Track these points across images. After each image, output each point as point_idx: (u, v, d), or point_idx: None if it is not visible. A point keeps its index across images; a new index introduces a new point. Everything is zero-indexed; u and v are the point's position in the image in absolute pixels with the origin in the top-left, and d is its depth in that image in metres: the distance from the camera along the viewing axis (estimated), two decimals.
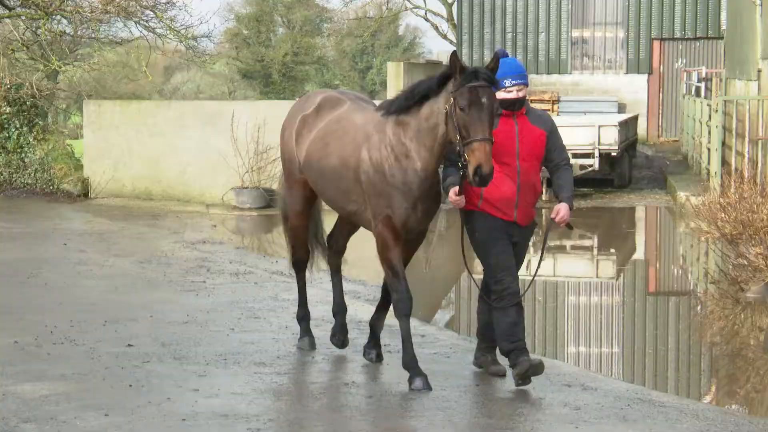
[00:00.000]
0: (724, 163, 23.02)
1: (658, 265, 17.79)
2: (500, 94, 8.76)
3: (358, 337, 11.01)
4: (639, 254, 18.78)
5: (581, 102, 33.52)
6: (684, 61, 34.87)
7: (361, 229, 10.23)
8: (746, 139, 21.85)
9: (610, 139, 25.15)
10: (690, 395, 10.06)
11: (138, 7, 28.62)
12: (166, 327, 11.29)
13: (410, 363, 9.07)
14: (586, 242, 19.93)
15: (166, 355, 10.12)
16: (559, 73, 34.90)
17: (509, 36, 35.12)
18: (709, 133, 24.09)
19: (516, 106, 8.93)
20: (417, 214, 8.97)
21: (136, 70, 37.73)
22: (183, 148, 23.71)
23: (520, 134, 8.90)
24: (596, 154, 24.84)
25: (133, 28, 30.82)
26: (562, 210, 8.89)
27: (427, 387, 8.94)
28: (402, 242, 9.08)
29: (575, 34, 35.14)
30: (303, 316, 10.53)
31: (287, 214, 10.52)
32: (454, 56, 8.56)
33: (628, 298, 14.94)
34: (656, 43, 35.01)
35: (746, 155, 21.68)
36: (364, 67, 58.76)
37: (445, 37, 50.47)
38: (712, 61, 34.30)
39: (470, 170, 8.28)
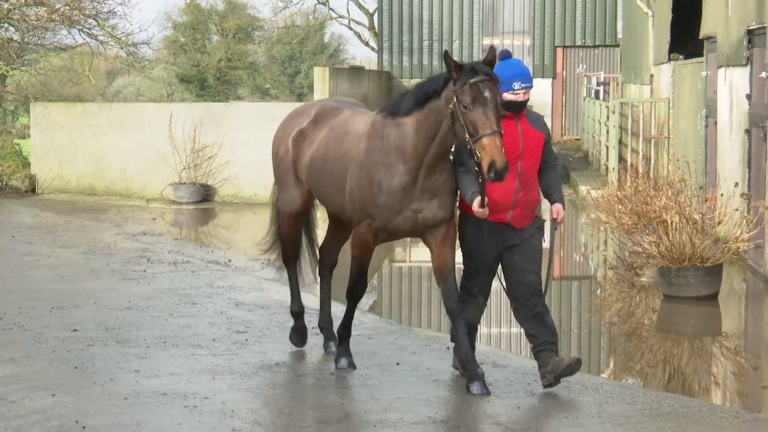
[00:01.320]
0: (621, 159, 23.29)
1: (562, 253, 17.92)
2: (507, 96, 8.17)
3: (289, 320, 10.99)
4: (545, 243, 18.92)
5: None
6: (584, 66, 35.17)
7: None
8: (640, 138, 22.12)
9: None
10: (590, 371, 10.14)
11: (81, 16, 28.33)
12: (109, 313, 11.20)
13: (342, 335, 8.99)
14: None
15: (109, 338, 10.04)
16: None
17: (426, 43, 35.19)
18: (607, 132, 24.34)
19: (519, 108, 8.28)
20: (402, 216, 8.32)
21: (80, 75, 37.30)
22: (124, 147, 23.50)
23: (523, 136, 8.27)
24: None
25: (76, 35, 30.51)
26: (561, 210, 8.56)
27: (352, 366, 8.93)
28: (376, 244, 8.60)
29: (486, 41, 35.26)
30: (298, 310, 9.76)
31: (279, 221, 9.80)
32: (447, 56, 7.92)
33: None
34: (559, 51, 35.28)
35: (640, 152, 21.94)
36: (293, 72, 58.58)
37: (367, 44, 50.41)
38: (610, 66, 34.63)
39: (484, 167, 7.66)
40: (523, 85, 8.26)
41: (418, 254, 17.49)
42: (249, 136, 22.70)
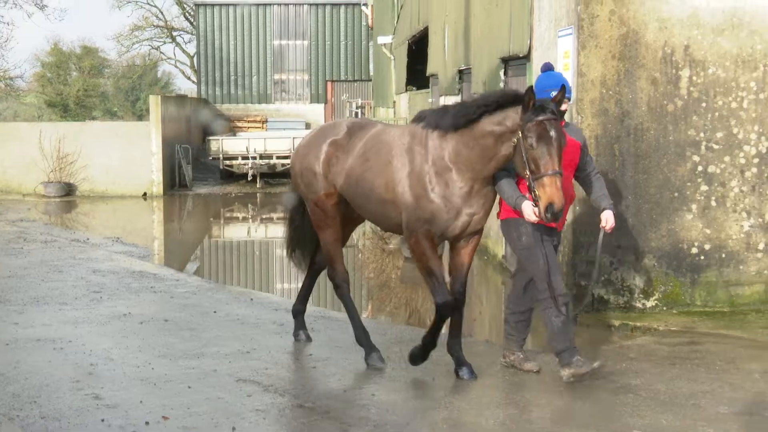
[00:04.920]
0: None
1: None
2: None
3: (133, 282, 10.69)
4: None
5: (281, 122, 33.55)
6: (347, 95, 35.42)
7: (127, 203, 9.88)
8: None
9: None
10: None
11: None
12: None
13: (427, 347, 6.90)
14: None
15: None
16: (267, 103, 34.82)
17: (233, 78, 34.71)
18: None
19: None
20: (460, 221, 6.39)
21: None
22: (4, 155, 22.57)
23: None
24: (292, 155, 24.74)
25: None
26: (611, 218, 6.58)
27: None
28: (437, 248, 6.56)
29: (276, 76, 35.10)
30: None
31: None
32: (530, 91, 5.96)
33: None
34: (329, 84, 35.42)
35: None
36: (134, 99, 56.80)
37: (189, 78, 49.51)
38: (365, 95, 35.01)
39: (541, 206, 5.89)
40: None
41: (230, 231, 17.28)
42: (100, 146, 22.44)
